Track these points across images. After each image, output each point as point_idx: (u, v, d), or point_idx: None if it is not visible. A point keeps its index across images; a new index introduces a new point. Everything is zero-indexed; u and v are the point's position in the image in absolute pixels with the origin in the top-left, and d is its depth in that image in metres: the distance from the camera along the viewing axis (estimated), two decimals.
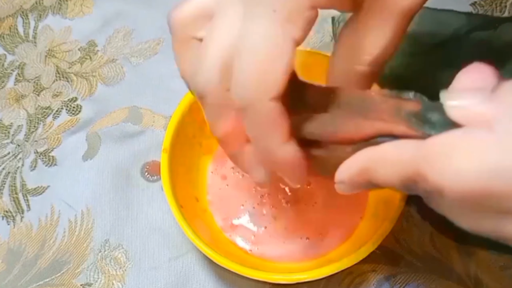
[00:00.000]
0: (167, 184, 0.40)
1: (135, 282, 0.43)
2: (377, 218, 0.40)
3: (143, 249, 0.44)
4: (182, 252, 0.44)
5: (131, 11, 0.54)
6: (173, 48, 0.30)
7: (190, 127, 0.43)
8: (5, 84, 0.52)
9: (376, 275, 0.42)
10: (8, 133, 0.49)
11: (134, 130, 0.48)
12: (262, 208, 0.43)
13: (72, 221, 0.45)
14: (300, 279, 0.37)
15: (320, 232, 0.42)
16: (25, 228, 0.45)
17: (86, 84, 0.51)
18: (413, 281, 0.42)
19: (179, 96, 0.42)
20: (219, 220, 0.43)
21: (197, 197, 0.43)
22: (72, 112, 0.50)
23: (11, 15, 0.55)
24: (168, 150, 0.41)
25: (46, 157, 0.48)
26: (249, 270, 0.37)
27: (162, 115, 0.49)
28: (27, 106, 0.50)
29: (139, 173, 0.47)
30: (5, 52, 0.53)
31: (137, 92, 0.50)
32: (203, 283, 0.43)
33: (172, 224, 0.44)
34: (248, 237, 0.42)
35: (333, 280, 0.42)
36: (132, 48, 0.52)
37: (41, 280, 0.43)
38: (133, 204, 0.45)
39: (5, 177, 0.47)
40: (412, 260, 0.42)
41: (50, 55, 0.52)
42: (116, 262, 0.44)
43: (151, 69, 0.51)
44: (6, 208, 0.46)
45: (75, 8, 0.55)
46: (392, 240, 0.43)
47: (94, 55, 0.52)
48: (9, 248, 0.44)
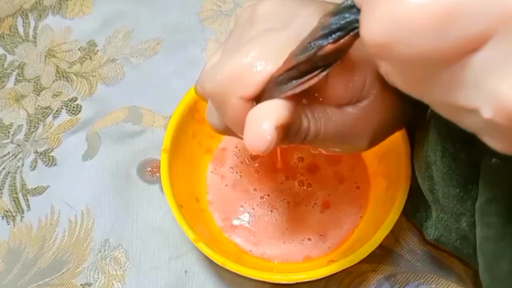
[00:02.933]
0: (167, 184, 0.40)
1: (135, 282, 0.43)
2: (377, 218, 0.40)
3: (143, 249, 0.44)
4: (182, 252, 0.44)
5: (131, 11, 0.54)
6: None
7: (190, 127, 0.43)
8: (5, 84, 0.52)
9: (376, 275, 0.42)
10: (8, 133, 0.49)
11: (134, 130, 0.48)
12: (262, 209, 0.43)
13: (72, 221, 0.45)
14: (300, 279, 0.37)
15: (321, 233, 0.42)
16: (25, 228, 0.45)
17: (86, 84, 0.51)
18: (413, 281, 0.42)
19: (179, 96, 0.42)
20: (219, 220, 0.43)
21: (197, 197, 0.43)
22: (72, 112, 0.50)
23: (11, 15, 0.55)
24: (168, 150, 0.41)
25: (46, 157, 0.48)
26: (249, 270, 0.37)
27: (162, 115, 0.49)
28: (27, 106, 0.50)
29: (139, 173, 0.47)
30: (5, 52, 0.53)
31: (137, 92, 0.50)
32: (203, 283, 0.43)
33: (172, 224, 0.44)
34: (248, 238, 0.42)
35: (333, 280, 0.42)
36: (132, 48, 0.52)
37: (41, 280, 0.43)
38: (133, 204, 0.45)
39: (5, 177, 0.47)
40: (412, 260, 0.42)
41: (50, 55, 0.52)
42: (116, 262, 0.44)
43: (151, 69, 0.51)
44: (6, 208, 0.46)
45: (75, 8, 0.55)
46: (392, 240, 0.43)
47: (94, 55, 0.52)
48: (9, 248, 0.44)
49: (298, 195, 0.43)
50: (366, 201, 0.43)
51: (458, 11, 0.17)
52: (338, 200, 0.43)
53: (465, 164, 0.32)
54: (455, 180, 0.33)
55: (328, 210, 0.43)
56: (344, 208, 0.43)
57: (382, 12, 0.18)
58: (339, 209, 0.43)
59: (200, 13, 0.53)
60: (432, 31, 0.17)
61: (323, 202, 0.43)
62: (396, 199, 0.38)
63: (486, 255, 0.29)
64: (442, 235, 0.36)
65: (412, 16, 0.17)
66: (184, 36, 0.52)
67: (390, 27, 0.18)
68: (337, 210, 0.43)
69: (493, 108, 0.17)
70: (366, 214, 0.42)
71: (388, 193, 0.40)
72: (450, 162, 0.32)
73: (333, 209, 0.43)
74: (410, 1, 0.17)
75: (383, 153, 0.42)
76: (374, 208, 0.42)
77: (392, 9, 0.18)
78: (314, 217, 0.42)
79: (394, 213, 0.38)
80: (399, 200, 0.38)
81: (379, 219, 0.39)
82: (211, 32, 0.52)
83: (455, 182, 0.33)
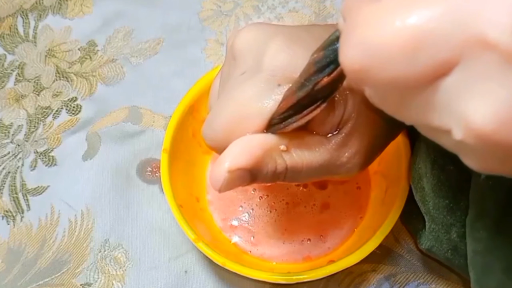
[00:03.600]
0: (167, 184, 0.40)
1: (135, 282, 0.43)
2: (377, 218, 0.40)
3: (143, 249, 0.44)
4: (182, 252, 0.44)
5: (131, 11, 0.54)
6: None
7: (190, 127, 0.43)
8: (5, 84, 0.52)
9: (376, 275, 0.42)
10: (8, 133, 0.49)
11: (134, 130, 0.48)
12: (261, 209, 0.43)
13: (72, 221, 0.45)
14: (300, 279, 0.37)
15: (320, 233, 0.42)
16: (25, 228, 0.45)
17: (86, 84, 0.51)
18: (413, 281, 0.42)
19: (179, 96, 0.42)
20: (218, 220, 0.43)
21: (197, 197, 0.43)
22: (72, 112, 0.50)
23: (11, 15, 0.55)
24: (168, 150, 0.41)
25: (46, 157, 0.48)
26: (249, 270, 0.37)
27: (162, 115, 0.49)
28: (27, 106, 0.50)
29: (139, 173, 0.47)
30: (5, 52, 0.53)
31: (137, 92, 0.50)
32: (203, 283, 0.43)
33: (172, 224, 0.44)
34: (248, 238, 0.42)
35: (333, 280, 0.42)
36: (132, 48, 0.52)
37: (41, 280, 0.43)
38: (133, 204, 0.45)
39: (5, 177, 0.47)
40: (412, 260, 0.42)
41: (50, 55, 0.52)
42: (116, 262, 0.44)
43: (151, 69, 0.51)
44: (6, 208, 0.46)
45: (75, 8, 0.55)
46: (392, 240, 0.43)
47: (94, 55, 0.52)
48: (9, 248, 0.44)
49: (297, 196, 0.43)
50: (367, 201, 0.43)
51: (425, 38, 0.18)
52: (338, 200, 0.43)
53: (454, 175, 0.33)
54: (444, 191, 0.33)
55: (328, 210, 0.43)
56: (344, 209, 0.43)
57: (358, 39, 0.19)
58: (339, 209, 0.43)
59: (200, 13, 0.53)
60: (402, 57, 0.18)
61: (323, 203, 0.43)
62: (396, 199, 0.38)
63: (476, 268, 0.30)
64: (433, 245, 0.37)
65: (384, 43, 0.18)
66: (184, 36, 0.52)
67: (366, 53, 0.19)
68: (337, 210, 0.43)
69: (462, 129, 0.18)
70: (366, 214, 0.42)
71: (388, 194, 0.40)
72: (439, 173, 0.33)
73: (333, 209, 0.43)
74: (383, 28, 0.18)
75: (383, 153, 0.42)
76: (374, 208, 0.42)
77: (367, 36, 0.19)
78: (314, 218, 0.42)
79: (394, 213, 0.38)
80: (399, 200, 0.38)
81: (379, 219, 0.39)
82: (211, 32, 0.52)
83: (445, 193, 0.33)
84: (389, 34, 0.18)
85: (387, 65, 0.18)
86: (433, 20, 0.17)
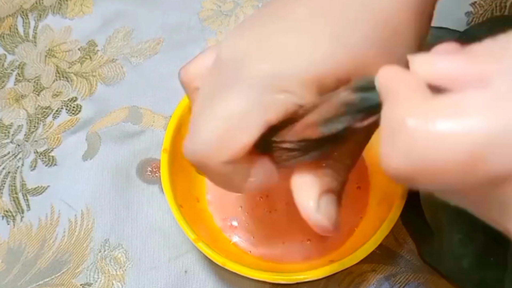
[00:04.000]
0: (167, 184, 0.40)
1: (135, 282, 0.43)
2: (377, 218, 0.40)
3: (143, 249, 0.44)
4: (182, 252, 0.44)
5: (131, 11, 0.54)
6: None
7: None
8: (5, 84, 0.52)
9: (376, 275, 0.42)
10: (8, 133, 0.49)
11: (134, 130, 0.48)
12: (261, 209, 0.43)
13: (72, 221, 0.45)
14: (300, 279, 0.37)
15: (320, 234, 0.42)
16: (25, 228, 0.45)
17: (86, 84, 0.51)
18: (413, 281, 0.42)
19: (179, 96, 0.42)
20: (218, 220, 0.43)
21: (197, 197, 0.43)
22: (72, 112, 0.50)
23: (11, 15, 0.55)
24: (168, 150, 0.41)
25: (46, 157, 0.48)
26: (249, 270, 0.37)
27: (162, 115, 0.49)
28: (27, 106, 0.50)
29: (139, 173, 0.47)
30: (5, 52, 0.53)
31: (137, 92, 0.50)
32: (203, 283, 0.43)
33: (172, 224, 0.44)
34: (248, 238, 0.42)
35: (333, 280, 0.42)
36: (132, 48, 0.52)
37: (41, 280, 0.43)
38: (133, 204, 0.45)
39: (5, 177, 0.47)
40: (412, 260, 0.42)
41: (50, 55, 0.52)
42: (116, 262, 0.44)
43: (151, 69, 0.51)
44: (6, 208, 0.46)
45: (75, 8, 0.55)
46: (392, 240, 0.43)
47: (94, 55, 0.52)
48: (9, 248, 0.44)
49: None
50: (367, 201, 0.43)
51: (486, 152, 0.16)
52: None
53: None
54: (460, 223, 0.33)
55: None
56: (344, 208, 0.42)
57: (404, 146, 0.17)
58: None
59: (200, 13, 0.53)
60: (457, 171, 0.17)
61: None
62: (396, 199, 0.38)
63: None
64: (439, 262, 0.36)
65: (436, 155, 0.17)
66: (184, 36, 0.52)
67: (413, 164, 0.17)
68: None
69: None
70: (366, 214, 0.42)
71: (388, 194, 0.40)
72: None
73: None
74: (433, 138, 0.17)
75: None
76: (374, 208, 0.42)
77: (415, 145, 0.17)
78: None
79: (394, 213, 0.38)
80: (399, 200, 0.38)
81: (379, 219, 0.39)
82: (211, 32, 0.52)
83: (460, 227, 0.33)
84: (443, 146, 0.16)
85: (438, 177, 0.17)
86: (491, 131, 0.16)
